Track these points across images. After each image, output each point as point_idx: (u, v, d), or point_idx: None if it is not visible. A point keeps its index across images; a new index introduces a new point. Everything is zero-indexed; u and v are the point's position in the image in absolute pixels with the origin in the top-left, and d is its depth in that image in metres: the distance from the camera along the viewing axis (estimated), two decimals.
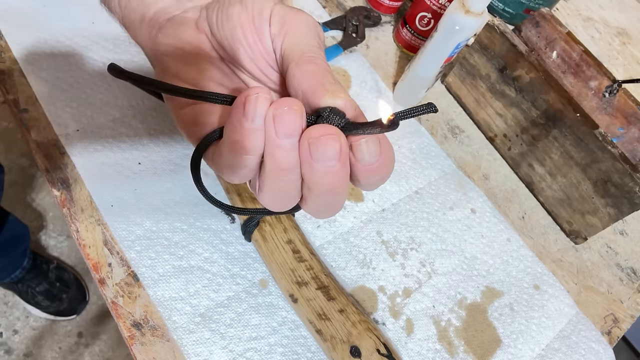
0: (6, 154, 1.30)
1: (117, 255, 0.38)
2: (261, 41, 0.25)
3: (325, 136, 0.20)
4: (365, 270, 0.44)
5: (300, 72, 0.22)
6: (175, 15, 0.28)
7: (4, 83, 0.42)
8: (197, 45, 0.28)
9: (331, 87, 0.22)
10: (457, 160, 0.54)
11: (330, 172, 0.21)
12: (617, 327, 0.49)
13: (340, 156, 0.20)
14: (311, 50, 0.23)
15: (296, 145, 0.21)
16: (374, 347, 0.35)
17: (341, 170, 0.21)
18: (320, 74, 0.22)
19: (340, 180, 0.21)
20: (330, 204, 0.23)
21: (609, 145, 0.45)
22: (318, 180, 0.21)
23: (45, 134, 0.41)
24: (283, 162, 0.21)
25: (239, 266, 0.40)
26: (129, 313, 0.36)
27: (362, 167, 0.22)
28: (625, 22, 0.82)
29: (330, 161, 0.20)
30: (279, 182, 0.22)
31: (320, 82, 0.22)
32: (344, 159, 0.21)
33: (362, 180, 0.23)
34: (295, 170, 0.22)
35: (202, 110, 0.26)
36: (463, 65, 0.56)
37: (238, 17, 0.25)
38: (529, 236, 0.52)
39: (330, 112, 0.21)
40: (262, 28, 0.24)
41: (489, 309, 0.45)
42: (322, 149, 0.20)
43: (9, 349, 1.10)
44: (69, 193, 0.39)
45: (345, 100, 0.21)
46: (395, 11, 0.63)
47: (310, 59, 0.23)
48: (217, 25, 0.26)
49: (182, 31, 0.28)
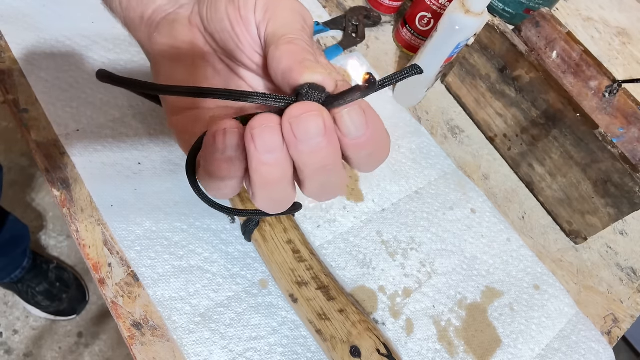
0: (6, 154, 1.30)
1: (117, 255, 0.38)
2: (248, 31, 0.24)
3: (306, 114, 0.20)
4: (365, 270, 0.44)
5: (278, 53, 0.22)
6: (170, 13, 0.28)
7: (4, 83, 0.42)
8: (190, 42, 0.28)
9: (309, 63, 0.21)
10: (457, 160, 0.54)
11: (317, 150, 0.20)
12: (617, 327, 0.49)
13: (325, 131, 0.20)
14: (292, 32, 0.23)
15: (279, 158, 0.21)
16: (374, 347, 0.35)
17: (328, 145, 0.20)
18: (298, 52, 0.22)
19: (330, 157, 0.21)
20: (327, 184, 0.23)
21: (609, 145, 0.45)
22: (307, 161, 0.21)
23: (45, 134, 0.41)
24: (269, 177, 0.21)
25: (239, 266, 0.40)
26: (129, 313, 0.36)
27: (350, 142, 0.21)
28: (625, 22, 0.82)
29: (316, 138, 0.20)
30: (270, 191, 0.22)
31: (298, 60, 0.21)
32: (330, 133, 0.20)
33: (352, 157, 0.22)
34: (282, 179, 0.21)
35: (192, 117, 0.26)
36: (463, 65, 0.56)
37: (225, 9, 0.25)
38: (529, 236, 0.52)
39: (309, 88, 0.21)
40: (248, 17, 0.24)
41: (489, 309, 0.45)
42: (305, 127, 0.20)
43: (9, 349, 1.10)
44: (69, 193, 0.39)
45: (324, 75, 0.21)
46: (395, 11, 0.63)
47: (289, 40, 0.22)
48: (208, 18, 0.26)
49: (175, 29, 0.28)
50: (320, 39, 0.58)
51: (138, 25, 0.30)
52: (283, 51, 0.22)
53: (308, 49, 0.22)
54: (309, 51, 0.22)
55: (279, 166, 0.21)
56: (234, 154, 0.21)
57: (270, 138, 0.20)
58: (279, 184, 0.21)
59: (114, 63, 0.46)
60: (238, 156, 0.21)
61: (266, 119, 0.20)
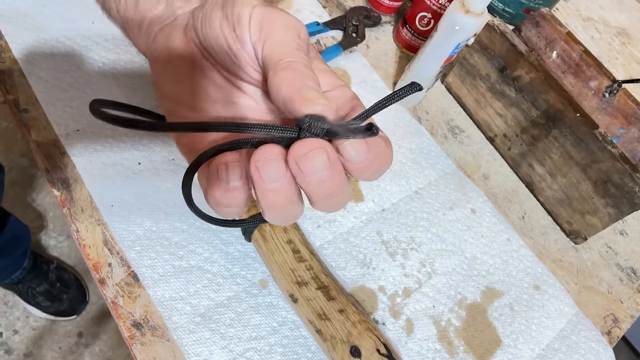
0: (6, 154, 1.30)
1: (117, 255, 0.38)
2: (244, 49, 0.25)
3: (311, 152, 0.21)
4: (365, 270, 0.44)
5: (277, 80, 0.22)
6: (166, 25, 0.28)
7: (4, 83, 0.42)
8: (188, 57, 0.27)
9: (308, 93, 0.22)
10: (457, 160, 0.54)
11: (323, 181, 0.21)
12: (617, 327, 0.49)
13: (330, 164, 0.21)
14: (289, 54, 0.23)
15: (284, 184, 0.22)
16: (374, 347, 0.35)
17: (334, 175, 0.21)
18: (297, 80, 0.22)
19: (336, 185, 0.22)
20: (335, 204, 0.24)
21: (609, 145, 0.45)
22: (315, 190, 0.22)
23: (45, 134, 0.41)
24: (276, 201, 0.22)
25: (239, 266, 0.40)
26: (129, 313, 0.36)
27: (353, 166, 0.22)
28: (625, 22, 0.82)
29: (321, 171, 0.21)
30: (278, 212, 0.23)
31: (297, 90, 0.22)
32: (334, 165, 0.21)
33: (357, 176, 0.23)
34: (289, 201, 0.22)
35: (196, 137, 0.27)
36: (463, 65, 0.56)
37: (220, 26, 0.25)
38: (529, 236, 0.52)
39: (310, 119, 0.21)
40: (243, 36, 0.24)
41: (489, 309, 0.45)
42: (311, 164, 0.21)
43: (9, 349, 1.10)
44: (69, 193, 0.39)
45: (324, 105, 0.21)
46: (395, 11, 0.63)
47: (287, 65, 0.23)
48: (203, 34, 0.26)
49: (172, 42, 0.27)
50: (320, 39, 0.58)
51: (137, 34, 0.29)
52: (282, 79, 0.22)
53: (306, 73, 0.23)
54: (307, 74, 0.23)
55: (284, 191, 0.22)
56: (238, 184, 0.22)
57: (274, 169, 0.21)
58: (285, 205, 0.22)
59: (114, 63, 0.46)
60: (242, 185, 0.22)
61: (269, 151, 0.21)
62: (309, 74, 0.23)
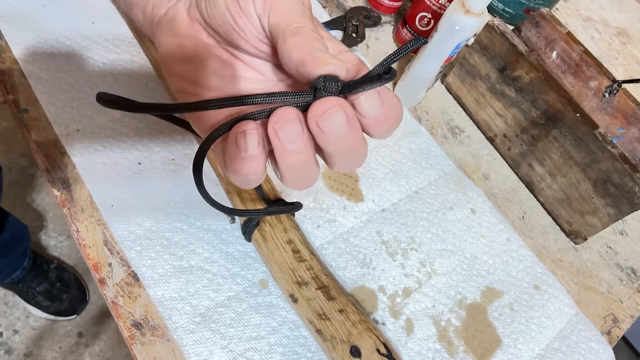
0: (6, 154, 1.30)
1: (117, 255, 0.38)
2: (250, 22, 0.25)
3: (329, 110, 0.21)
4: (365, 270, 0.44)
5: (287, 47, 0.23)
6: (169, 8, 0.28)
7: (4, 83, 0.43)
8: (193, 37, 0.28)
9: (319, 55, 0.22)
10: (457, 160, 0.54)
11: (343, 137, 0.22)
12: (616, 327, 0.49)
13: (348, 120, 0.22)
14: (295, 20, 0.24)
15: (302, 145, 0.22)
16: (374, 347, 0.35)
17: (353, 130, 0.22)
18: (307, 43, 0.23)
19: (355, 140, 0.23)
20: (354, 159, 0.25)
21: (609, 145, 0.45)
22: (335, 147, 0.23)
23: (45, 134, 0.41)
24: (294, 163, 0.23)
25: (239, 266, 0.40)
26: (129, 313, 0.36)
27: (369, 121, 0.23)
28: (625, 22, 0.82)
29: (341, 128, 0.22)
30: (296, 174, 0.24)
31: (308, 52, 0.22)
32: (352, 121, 0.22)
33: (373, 132, 0.24)
34: (307, 162, 0.23)
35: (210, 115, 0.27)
36: (463, 65, 0.56)
37: (224, 2, 0.25)
38: (528, 236, 0.52)
39: (324, 80, 0.22)
40: (248, 9, 0.25)
41: (489, 309, 0.45)
42: (330, 122, 0.21)
43: (9, 349, 1.10)
44: (69, 193, 0.39)
45: (336, 64, 0.22)
46: (395, 11, 0.63)
47: (295, 31, 0.23)
48: (207, 12, 0.26)
49: (176, 25, 0.28)
50: None
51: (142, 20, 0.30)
52: (292, 45, 0.23)
53: (314, 36, 0.23)
54: (316, 38, 0.23)
55: (302, 152, 0.23)
56: (256, 151, 0.23)
57: (292, 130, 0.22)
58: (304, 166, 0.23)
59: (114, 63, 0.46)
60: (260, 152, 0.23)
61: (287, 113, 0.22)
62: (317, 37, 0.23)
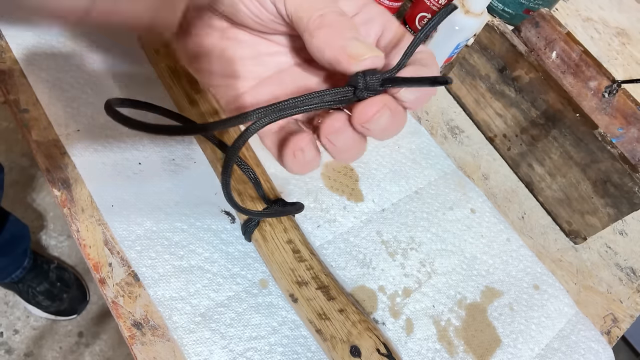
0: (7, 154, 1.31)
1: (118, 255, 0.38)
2: (265, 7, 0.24)
3: (375, 115, 0.22)
4: (365, 270, 0.44)
5: (316, 43, 0.22)
6: None
7: (5, 83, 0.43)
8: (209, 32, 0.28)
9: (352, 49, 0.22)
10: (457, 160, 0.55)
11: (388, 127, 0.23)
12: (616, 326, 0.49)
13: (393, 115, 0.22)
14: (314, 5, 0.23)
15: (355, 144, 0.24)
16: (374, 347, 0.35)
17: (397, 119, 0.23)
18: (336, 36, 0.22)
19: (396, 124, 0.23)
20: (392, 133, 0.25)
21: (609, 145, 0.45)
22: (380, 135, 0.24)
23: (45, 134, 0.41)
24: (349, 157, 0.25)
25: (239, 266, 0.40)
26: (129, 313, 0.36)
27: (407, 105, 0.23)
28: (625, 23, 0.82)
29: (386, 123, 0.23)
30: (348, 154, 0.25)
31: (340, 48, 0.22)
32: (396, 113, 0.23)
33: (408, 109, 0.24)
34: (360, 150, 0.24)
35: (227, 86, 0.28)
36: (463, 65, 0.56)
37: None
38: (528, 236, 0.52)
39: (363, 78, 0.21)
40: None
41: (489, 309, 0.45)
42: (377, 124, 0.22)
43: (10, 349, 1.10)
44: (69, 193, 0.39)
45: (372, 58, 0.22)
46: (395, 11, 0.63)
47: (319, 22, 0.22)
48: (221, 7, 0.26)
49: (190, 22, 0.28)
50: None
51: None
52: (320, 40, 0.22)
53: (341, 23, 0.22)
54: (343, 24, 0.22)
55: (356, 147, 0.24)
56: (313, 156, 0.25)
57: (344, 137, 0.23)
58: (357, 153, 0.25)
59: (114, 63, 0.46)
60: (315, 155, 0.25)
61: (336, 121, 0.23)
62: (344, 23, 0.23)
